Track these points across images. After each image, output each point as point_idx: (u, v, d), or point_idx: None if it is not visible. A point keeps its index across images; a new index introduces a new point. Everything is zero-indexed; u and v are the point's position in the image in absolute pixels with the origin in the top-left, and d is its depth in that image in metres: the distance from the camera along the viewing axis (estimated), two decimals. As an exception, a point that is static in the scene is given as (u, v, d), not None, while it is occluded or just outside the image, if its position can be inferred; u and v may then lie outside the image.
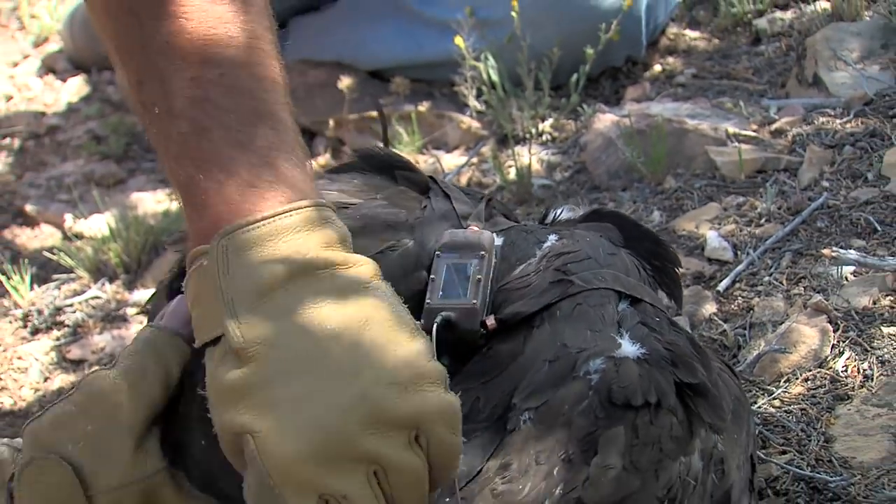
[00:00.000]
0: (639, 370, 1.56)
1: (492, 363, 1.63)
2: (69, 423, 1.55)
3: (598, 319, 1.65)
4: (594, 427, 1.49)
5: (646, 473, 1.50)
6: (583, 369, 1.55)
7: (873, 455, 1.99)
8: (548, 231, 1.90)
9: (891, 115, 2.97)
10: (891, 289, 2.33)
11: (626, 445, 1.49)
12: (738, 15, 3.71)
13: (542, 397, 1.54)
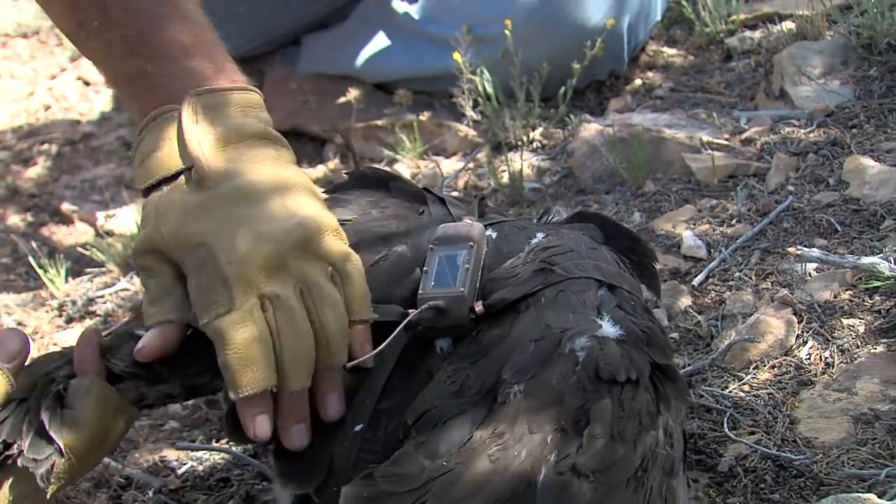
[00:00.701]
0: (620, 350, 1.58)
1: (481, 345, 1.64)
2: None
3: (580, 304, 1.67)
4: (584, 400, 1.50)
5: (628, 444, 1.50)
6: (568, 346, 1.57)
7: (834, 436, 1.99)
8: (538, 228, 1.92)
9: (850, 125, 2.97)
10: (850, 284, 2.33)
11: (614, 417, 1.49)
12: (711, 34, 3.71)
13: (530, 372, 1.54)
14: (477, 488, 1.42)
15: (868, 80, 3.16)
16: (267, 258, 1.63)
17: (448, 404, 1.56)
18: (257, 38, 3.91)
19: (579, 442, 1.46)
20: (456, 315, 1.68)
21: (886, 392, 2.05)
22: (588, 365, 1.54)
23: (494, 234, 1.89)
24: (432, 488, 1.43)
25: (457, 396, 1.56)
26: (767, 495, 1.91)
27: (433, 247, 1.80)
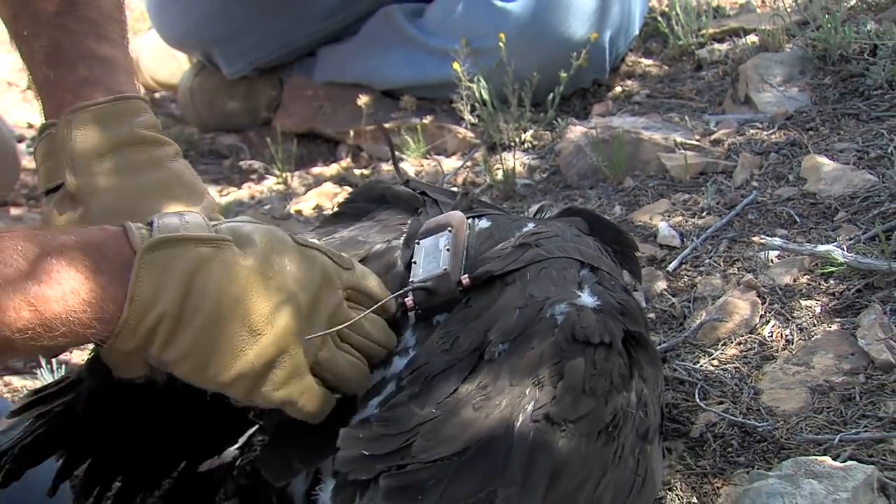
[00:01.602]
0: (595, 317, 1.59)
1: (471, 312, 1.65)
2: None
3: (562, 279, 1.69)
4: (559, 358, 1.51)
5: (599, 399, 1.51)
6: (549, 312, 1.58)
7: (793, 405, 1.98)
8: (528, 220, 1.95)
9: (807, 128, 2.97)
10: (808, 269, 2.32)
11: (586, 374, 1.51)
12: (683, 46, 3.70)
13: (514, 334, 1.55)
14: (461, 430, 1.43)
15: (823, 87, 3.16)
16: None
17: (438, 361, 1.58)
18: (277, 50, 3.91)
19: (554, 394, 1.47)
20: (444, 291, 1.69)
21: (840, 366, 2.05)
22: (565, 327, 1.56)
23: (489, 223, 1.90)
24: (421, 431, 1.44)
25: (447, 354, 1.58)
26: (734, 458, 1.90)
27: (418, 241, 1.82)
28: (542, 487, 1.40)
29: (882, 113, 2.93)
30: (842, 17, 3.25)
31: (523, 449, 1.41)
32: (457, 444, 1.40)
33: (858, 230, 2.41)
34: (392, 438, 1.45)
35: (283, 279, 1.53)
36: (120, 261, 1.43)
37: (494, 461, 1.40)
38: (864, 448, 1.83)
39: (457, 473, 1.38)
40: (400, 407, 1.52)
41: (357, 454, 1.44)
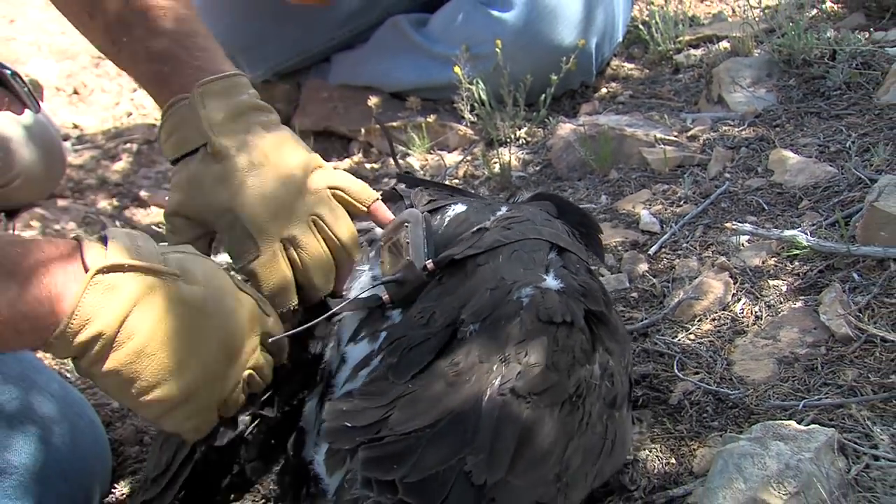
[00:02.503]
0: (558, 298, 1.60)
1: (445, 289, 1.67)
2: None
3: (531, 262, 1.69)
4: (524, 336, 1.52)
5: (562, 373, 1.53)
6: (516, 294, 1.59)
7: (762, 374, 1.99)
8: (502, 204, 1.96)
9: (774, 125, 2.97)
10: (775, 252, 2.32)
11: (549, 350, 1.52)
12: (662, 52, 3.69)
13: (483, 314, 1.56)
14: (434, 403, 1.45)
15: (788, 88, 3.15)
16: (276, 212, 1.73)
17: (416, 334, 1.60)
18: (295, 56, 3.90)
19: (519, 370, 1.48)
20: (412, 278, 1.72)
21: (804, 339, 2.05)
22: (530, 309, 1.57)
23: (464, 208, 1.93)
24: (399, 404, 1.46)
25: (424, 328, 1.60)
26: (709, 423, 1.91)
27: (383, 243, 1.85)
28: (508, 454, 1.42)
29: (841, 111, 2.93)
30: (804, 26, 3.25)
31: (490, 420, 1.43)
32: (430, 416, 1.42)
33: (820, 217, 2.41)
34: (372, 411, 1.46)
35: (217, 320, 1.52)
36: (66, 275, 1.41)
37: (464, 431, 1.41)
38: (825, 413, 1.83)
39: (430, 443, 1.39)
40: (380, 380, 1.55)
41: (340, 426, 1.46)
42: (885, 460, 1.66)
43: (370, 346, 1.69)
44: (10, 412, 1.90)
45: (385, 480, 1.35)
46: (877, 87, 2.97)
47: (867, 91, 2.98)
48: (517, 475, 1.43)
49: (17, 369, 1.97)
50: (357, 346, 1.70)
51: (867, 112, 2.87)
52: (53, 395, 2.01)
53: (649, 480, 1.80)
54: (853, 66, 3.05)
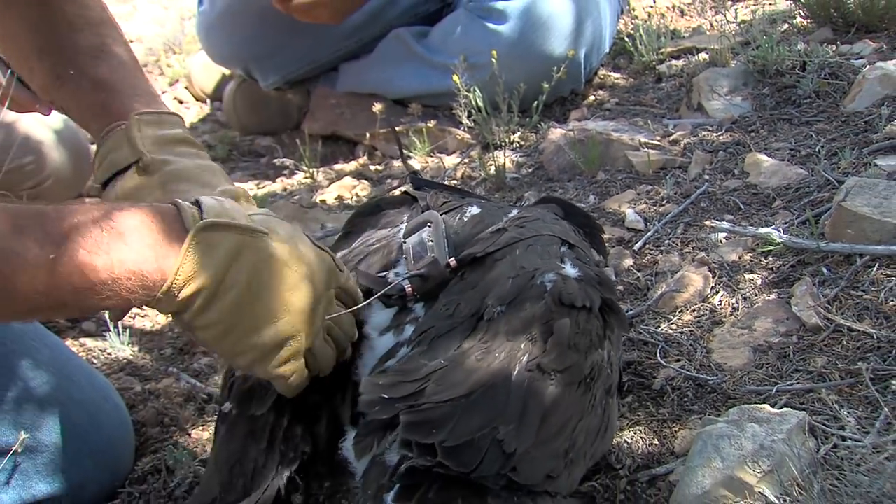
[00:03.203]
0: (578, 285, 1.62)
1: (467, 283, 1.67)
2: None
3: (546, 254, 1.70)
4: (549, 318, 1.53)
5: (581, 354, 1.54)
6: (539, 280, 1.61)
7: (738, 362, 1.99)
8: (513, 206, 1.99)
9: (749, 130, 2.97)
10: (750, 248, 2.33)
11: (571, 332, 1.53)
12: (646, 62, 3.69)
13: (509, 298, 1.57)
14: (467, 377, 1.44)
15: (762, 96, 3.15)
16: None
17: (443, 324, 1.60)
18: (305, 65, 3.90)
19: (544, 348, 1.50)
20: (436, 274, 1.71)
21: (777, 328, 2.05)
22: (554, 293, 1.58)
23: (479, 209, 1.93)
24: (433, 377, 1.46)
25: (450, 319, 1.60)
26: (689, 407, 1.91)
27: (404, 240, 1.84)
28: (535, 425, 1.43)
29: (810, 118, 2.93)
30: (777, 39, 3.26)
31: (519, 393, 1.44)
32: (464, 387, 1.42)
33: (792, 215, 2.41)
34: (407, 384, 1.46)
35: (302, 271, 1.53)
36: (169, 235, 1.42)
37: (496, 402, 1.42)
38: (796, 397, 1.83)
39: (465, 412, 1.39)
40: (412, 360, 1.54)
41: (377, 397, 1.46)
42: (851, 441, 1.67)
43: (395, 338, 1.69)
44: (41, 395, 1.91)
45: (425, 444, 1.35)
46: (843, 96, 2.98)
47: (834, 99, 2.99)
48: (537, 446, 1.44)
49: (48, 355, 1.97)
50: (383, 337, 1.69)
51: (835, 119, 2.87)
52: (81, 380, 2.01)
53: (634, 460, 1.80)
54: (822, 77, 3.06)
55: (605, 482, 1.77)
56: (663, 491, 1.72)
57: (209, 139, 3.99)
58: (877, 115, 2.76)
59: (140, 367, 2.46)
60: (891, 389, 1.77)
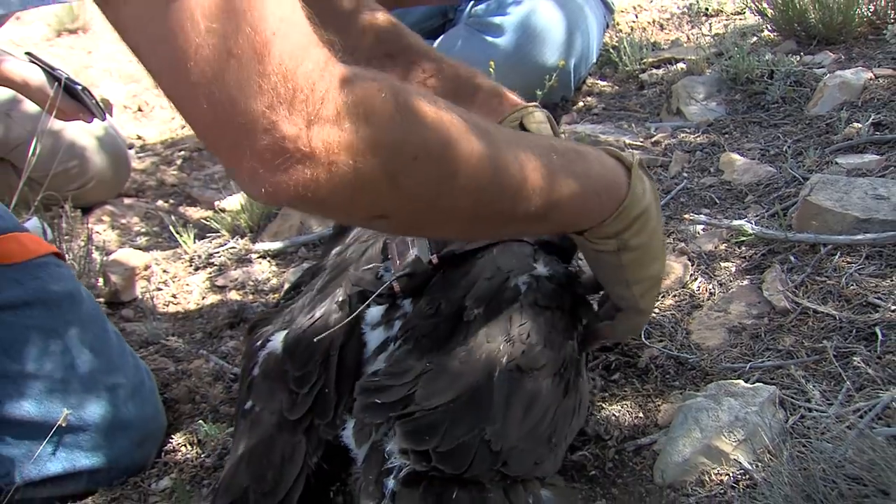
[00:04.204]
0: (550, 284, 1.61)
1: (448, 281, 1.65)
2: None
3: (521, 254, 1.68)
4: (525, 320, 1.52)
5: (555, 350, 1.54)
6: (513, 282, 1.59)
7: (715, 342, 1.99)
8: None
9: (723, 132, 2.96)
10: (725, 239, 2.32)
11: (546, 332, 1.53)
12: (629, 71, 3.68)
13: (486, 300, 1.56)
14: (453, 380, 1.44)
15: (734, 102, 3.15)
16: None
17: (426, 323, 1.59)
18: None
19: (523, 348, 1.49)
20: (420, 271, 1.68)
21: (749, 311, 2.05)
22: (528, 295, 1.58)
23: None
24: (421, 381, 1.45)
25: (433, 317, 1.59)
26: (671, 383, 1.90)
27: (389, 241, 1.81)
28: (518, 421, 1.43)
29: (778, 121, 2.93)
30: (747, 50, 3.26)
31: (502, 394, 1.43)
32: (450, 393, 1.41)
33: (763, 209, 2.41)
34: (398, 388, 1.46)
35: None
36: (616, 166, 1.50)
37: (481, 405, 1.41)
38: (767, 373, 1.83)
39: (453, 418, 1.38)
40: (399, 362, 1.53)
41: (371, 402, 1.46)
42: (816, 412, 1.67)
43: (385, 333, 1.66)
44: (86, 377, 1.91)
45: (420, 450, 1.35)
46: (807, 102, 2.97)
47: (799, 104, 2.98)
48: (523, 439, 1.44)
49: (99, 340, 1.97)
50: (374, 332, 1.67)
51: (799, 122, 2.87)
52: (123, 364, 2.01)
53: (621, 431, 1.80)
54: (788, 84, 3.06)
55: (595, 452, 1.77)
56: (648, 459, 1.72)
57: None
58: (837, 119, 2.75)
59: (173, 349, 2.46)
60: (852, 365, 1.78)
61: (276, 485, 1.48)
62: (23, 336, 1.87)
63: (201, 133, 1.08)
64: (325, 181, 1.09)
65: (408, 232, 1.48)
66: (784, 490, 1.43)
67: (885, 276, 2.00)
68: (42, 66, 2.32)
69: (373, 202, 1.17)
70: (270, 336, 1.75)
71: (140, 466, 1.98)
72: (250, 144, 1.04)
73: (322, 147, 1.06)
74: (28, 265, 1.92)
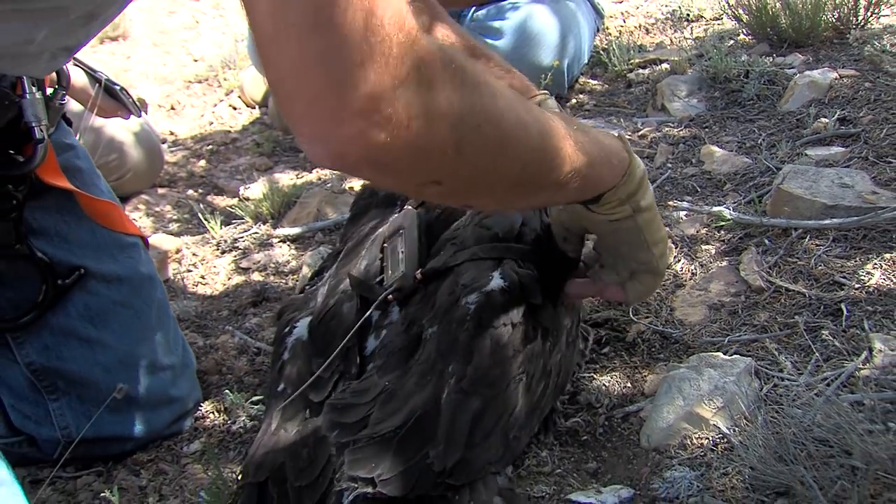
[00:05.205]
0: (501, 298, 1.57)
1: (423, 296, 1.65)
2: None
3: (482, 268, 1.65)
4: (472, 339, 1.51)
5: (504, 365, 1.52)
6: (463, 301, 1.56)
7: (697, 318, 1.98)
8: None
9: (704, 126, 2.95)
10: (706, 224, 2.32)
11: (491, 351, 1.50)
12: (618, 71, 3.66)
13: (438, 319, 1.56)
14: (403, 403, 1.44)
15: (714, 99, 3.14)
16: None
17: (399, 340, 1.59)
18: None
19: (466, 372, 1.47)
20: (408, 286, 1.66)
21: (728, 290, 2.05)
22: (475, 316, 1.54)
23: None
24: (378, 401, 1.46)
25: (405, 334, 1.59)
26: (657, 356, 1.90)
27: (385, 244, 1.79)
28: (462, 438, 1.41)
29: (753, 116, 2.92)
30: (725, 52, 3.25)
31: (447, 416, 1.42)
32: (399, 417, 1.41)
33: (740, 196, 2.40)
34: (358, 408, 1.46)
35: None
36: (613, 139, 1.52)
37: (426, 429, 1.40)
38: (744, 346, 1.83)
39: (399, 444, 1.38)
40: (368, 379, 1.54)
41: (336, 421, 1.47)
42: (788, 381, 1.67)
43: (375, 341, 1.65)
44: (150, 356, 1.95)
45: (365, 477, 1.34)
46: (779, 99, 2.97)
47: (772, 101, 2.98)
48: (471, 450, 1.42)
49: (159, 321, 2.00)
50: (369, 340, 1.66)
51: (773, 117, 2.86)
52: (177, 346, 2.05)
53: (610, 400, 1.80)
54: (762, 83, 3.05)
55: (586, 419, 1.76)
56: (635, 425, 1.72)
57: (257, 138, 3.97)
58: (806, 114, 2.75)
59: (202, 325, 2.47)
60: (820, 338, 1.78)
61: (310, 462, 1.47)
62: (109, 309, 1.90)
63: (291, 84, 1.01)
64: (397, 144, 1.04)
65: (453, 199, 1.39)
66: (758, 452, 1.43)
67: (850, 258, 2.00)
68: (84, 68, 2.32)
69: (434, 168, 1.14)
70: (296, 322, 1.76)
71: (177, 430, 2.00)
72: (341, 100, 0.99)
73: (403, 110, 1.02)
74: (123, 243, 1.95)
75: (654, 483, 1.53)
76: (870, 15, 3.29)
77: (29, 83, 1.67)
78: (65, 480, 1.89)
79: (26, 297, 1.83)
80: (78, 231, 1.89)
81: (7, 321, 1.82)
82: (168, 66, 5.04)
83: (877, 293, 1.87)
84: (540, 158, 1.28)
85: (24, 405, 1.88)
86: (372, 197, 2.06)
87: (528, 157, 1.26)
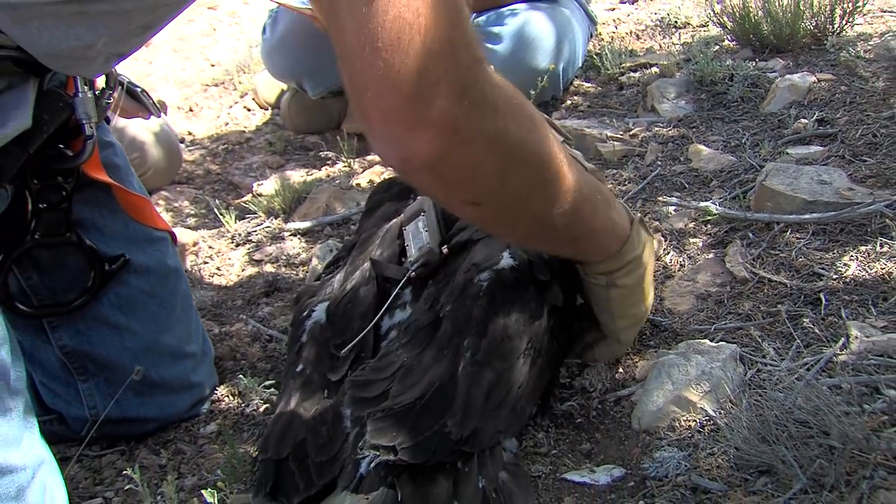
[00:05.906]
0: (511, 275, 1.58)
1: (445, 274, 1.66)
2: None
3: (495, 246, 1.65)
4: (485, 315, 1.52)
5: (514, 339, 1.52)
6: (476, 279, 1.57)
7: (685, 307, 1.99)
8: None
9: (692, 126, 2.94)
10: (694, 218, 2.32)
11: (504, 328, 1.51)
12: (611, 74, 3.65)
13: (454, 296, 1.57)
14: (422, 376, 1.44)
15: (701, 100, 3.13)
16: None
17: (423, 317, 1.59)
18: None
19: (481, 345, 1.48)
20: (433, 261, 1.67)
21: (714, 281, 2.05)
22: (488, 292, 1.56)
23: None
24: (398, 376, 1.46)
25: (429, 311, 1.59)
26: (647, 342, 1.90)
27: (405, 228, 1.79)
28: (479, 407, 1.42)
29: (738, 117, 2.92)
30: (711, 56, 3.24)
31: (464, 387, 1.43)
32: (418, 389, 1.42)
33: (725, 192, 2.40)
34: (377, 384, 1.47)
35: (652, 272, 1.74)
36: (620, 211, 1.59)
37: (444, 399, 1.41)
38: (729, 333, 1.83)
39: (419, 414, 1.38)
40: (390, 354, 1.54)
41: (358, 397, 1.47)
42: (771, 366, 1.67)
43: (390, 321, 1.66)
44: (173, 344, 1.97)
45: (387, 445, 1.35)
46: (762, 101, 2.96)
47: (756, 103, 2.97)
48: (485, 420, 1.43)
49: (183, 312, 2.02)
50: (384, 320, 1.67)
51: (756, 118, 2.86)
52: (198, 336, 2.07)
53: (603, 384, 1.80)
54: (745, 86, 3.05)
55: (580, 402, 1.77)
56: (626, 408, 1.72)
57: (270, 138, 3.97)
58: (787, 115, 2.75)
59: (218, 314, 2.47)
60: (801, 326, 1.78)
61: (329, 438, 1.47)
62: (137, 298, 1.91)
63: (372, 94, 1.07)
64: (457, 158, 1.11)
65: (486, 223, 1.48)
66: (743, 433, 1.43)
67: (828, 250, 2.01)
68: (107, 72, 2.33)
69: (479, 188, 1.20)
70: (314, 307, 1.76)
71: (193, 416, 2.00)
72: (415, 112, 1.05)
73: (468, 128, 1.09)
74: (153, 237, 1.96)
75: (644, 463, 1.54)
76: (845, 23, 3.29)
77: (81, 82, 1.69)
78: (90, 458, 1.90)
79: (76, 282, 1.85)
80: (113, 223, 1.90)
81: (62, 305, 1.84)
82: (187, 71, 5.04)
83: (853, 283, 1.87)
84: (567, 213, 1.36)
85: (56, 384, 1.90)
86: (387, 191, 2.06)
87: (558, 208, 1.34)
